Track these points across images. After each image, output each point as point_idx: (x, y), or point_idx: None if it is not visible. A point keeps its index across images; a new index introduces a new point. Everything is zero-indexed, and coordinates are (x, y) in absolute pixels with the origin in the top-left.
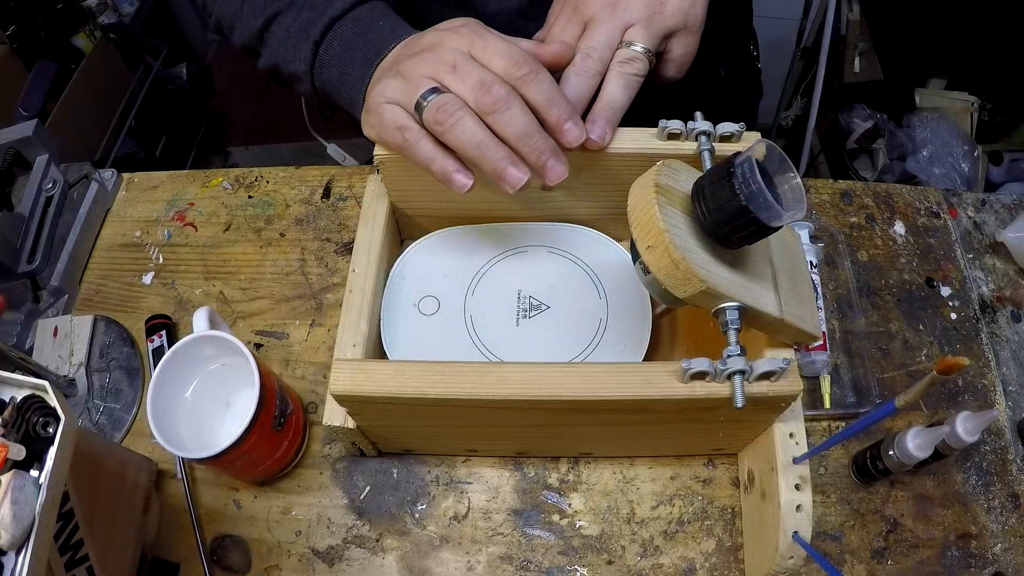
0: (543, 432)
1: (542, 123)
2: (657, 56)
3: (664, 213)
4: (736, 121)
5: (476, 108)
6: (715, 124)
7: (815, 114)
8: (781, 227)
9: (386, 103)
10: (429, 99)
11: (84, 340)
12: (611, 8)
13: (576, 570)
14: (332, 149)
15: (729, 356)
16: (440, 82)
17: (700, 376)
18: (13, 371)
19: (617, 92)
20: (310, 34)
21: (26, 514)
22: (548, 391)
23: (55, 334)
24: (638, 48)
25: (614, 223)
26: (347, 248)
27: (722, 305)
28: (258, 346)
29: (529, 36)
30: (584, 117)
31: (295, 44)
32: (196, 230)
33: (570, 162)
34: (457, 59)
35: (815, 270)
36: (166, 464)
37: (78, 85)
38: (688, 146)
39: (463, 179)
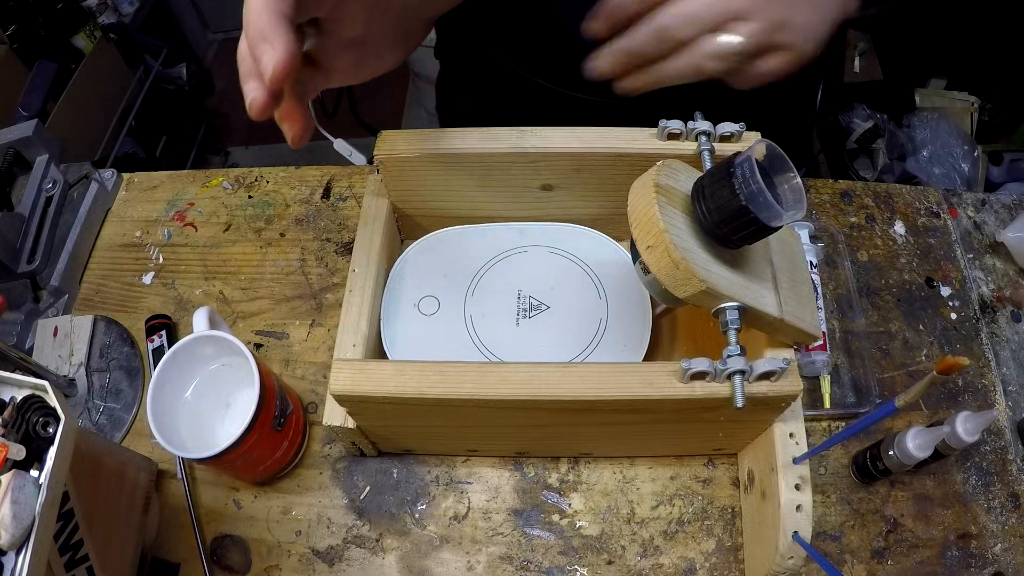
0: (543, 432)
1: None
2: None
3: (664, 213)
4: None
5: None
6: (715, 124)
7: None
8: (781, 227)
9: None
10: None
11: (84, 340)
12: None
13: (576, 570)
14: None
15: (729, 356)
16: None
17: (700, 376)
18: (13, 371)
19: (673, 73)
20: None
21: (26, 514)
22: (548, 391)
23: (55, 334)
24: (735, 42)
25: (614, 223)
26: (347, 248)
27: (722, 305)
28: (258, 346)
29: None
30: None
31: None
32: (196, 230)
33: (570, 162)
34: None
35: (815, 270)
36: (166, 464)
37: (78, 85)
38: (688, 146)
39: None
